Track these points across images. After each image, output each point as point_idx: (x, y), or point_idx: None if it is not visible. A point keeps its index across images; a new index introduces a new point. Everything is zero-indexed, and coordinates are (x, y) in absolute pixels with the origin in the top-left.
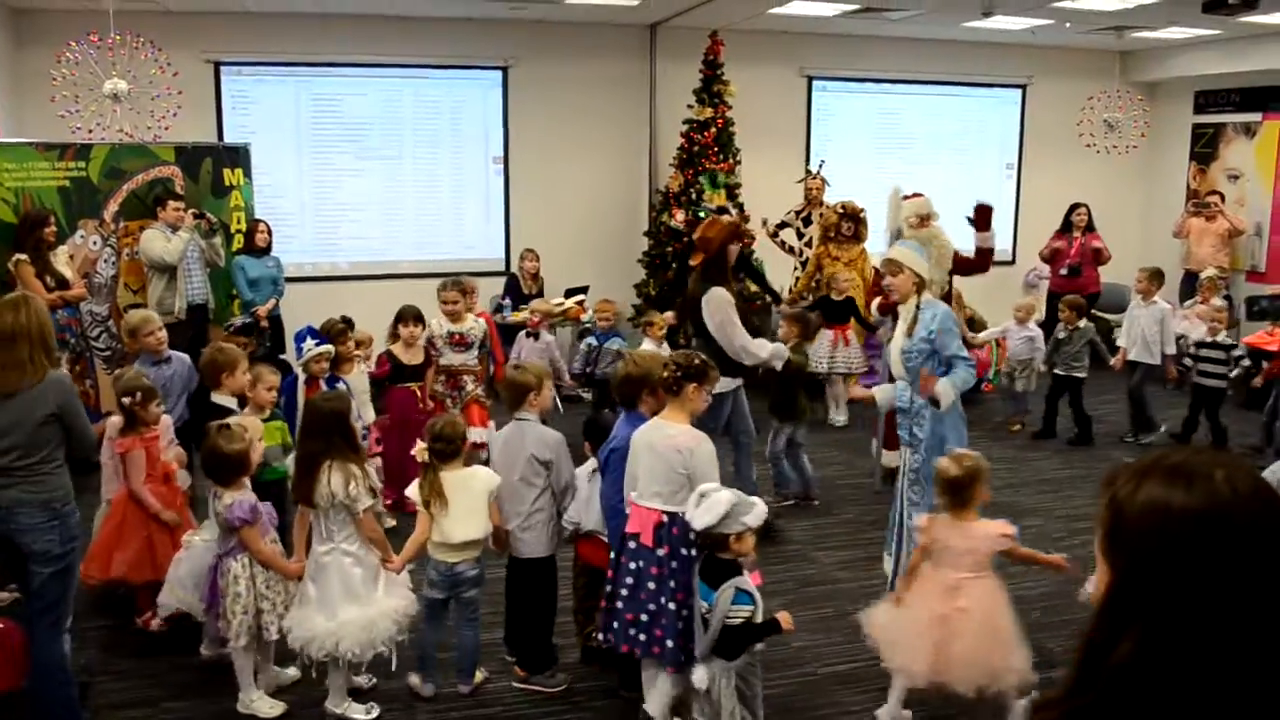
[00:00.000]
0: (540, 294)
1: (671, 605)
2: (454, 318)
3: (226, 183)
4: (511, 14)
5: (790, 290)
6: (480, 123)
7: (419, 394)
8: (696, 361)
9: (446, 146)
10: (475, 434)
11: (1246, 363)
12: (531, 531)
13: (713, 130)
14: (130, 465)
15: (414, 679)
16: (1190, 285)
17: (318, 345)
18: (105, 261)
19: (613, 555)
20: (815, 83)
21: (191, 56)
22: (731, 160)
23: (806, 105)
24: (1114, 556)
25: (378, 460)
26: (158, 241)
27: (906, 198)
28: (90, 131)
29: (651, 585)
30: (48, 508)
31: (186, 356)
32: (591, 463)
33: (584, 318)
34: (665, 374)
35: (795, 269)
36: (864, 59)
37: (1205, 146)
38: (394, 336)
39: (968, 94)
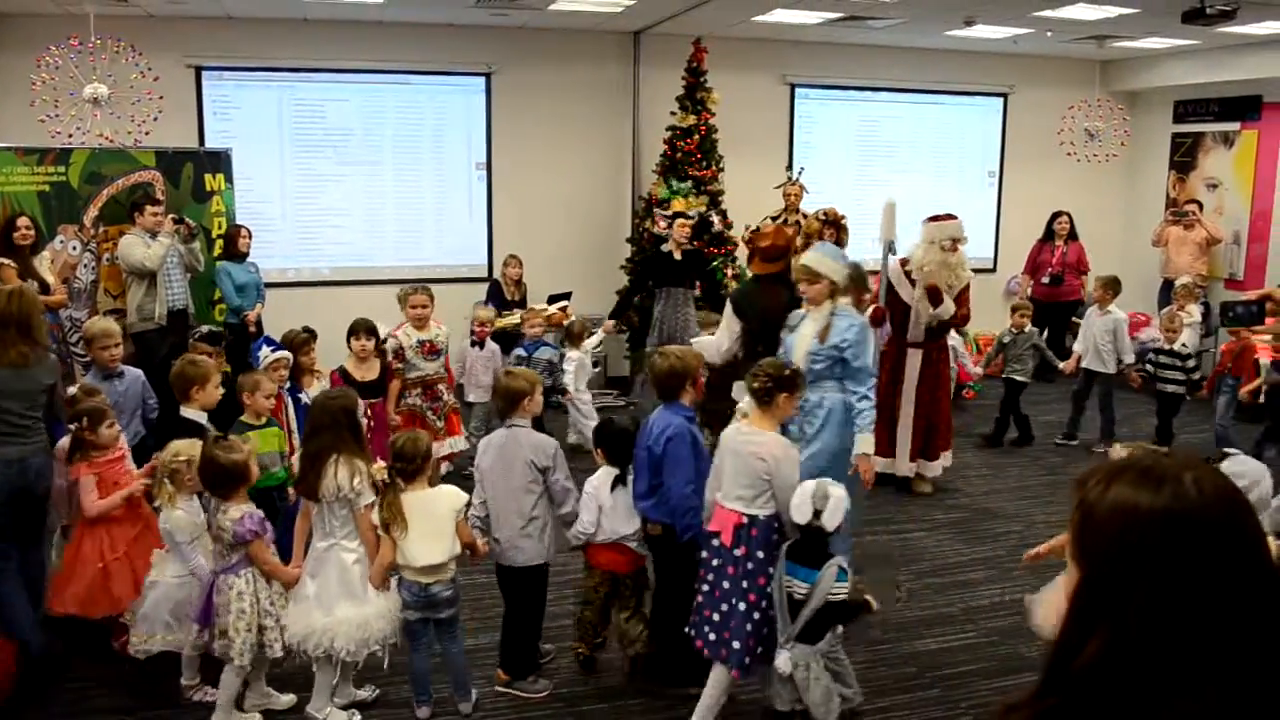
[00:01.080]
0: (523, 300)
1: (742, 606)
2: (422, 324)
3: (208, 188)
4: (494, 20)
5: None
6: (463, 129)
7: (370, 413)
8: (788, 371)
9: (429, 152)
10: (454, 443)
11: (1198, 375)
12: (530, 539)
13: (695, 137)
14: (83, 492)
15: (422, 712)
16: (1169, 293)
17: (274, 352)
18: (85, 267)
19: (702, 553)
20: (798, 90)
21: (173, 61)
22: (714, 167)
23: (789, 113)
24: (1081, 557)
25: None
26: (137, 248)
27: (936, 219)
28: (70, 136)
29: (726, 585)
30: (47, 452)
31: (140, 371)
32: (604, 471)
33: (566, 323)
34: (757, 384)
35: None
36: (846, 67)
37: (1184, 155)
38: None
39: (949, 102)
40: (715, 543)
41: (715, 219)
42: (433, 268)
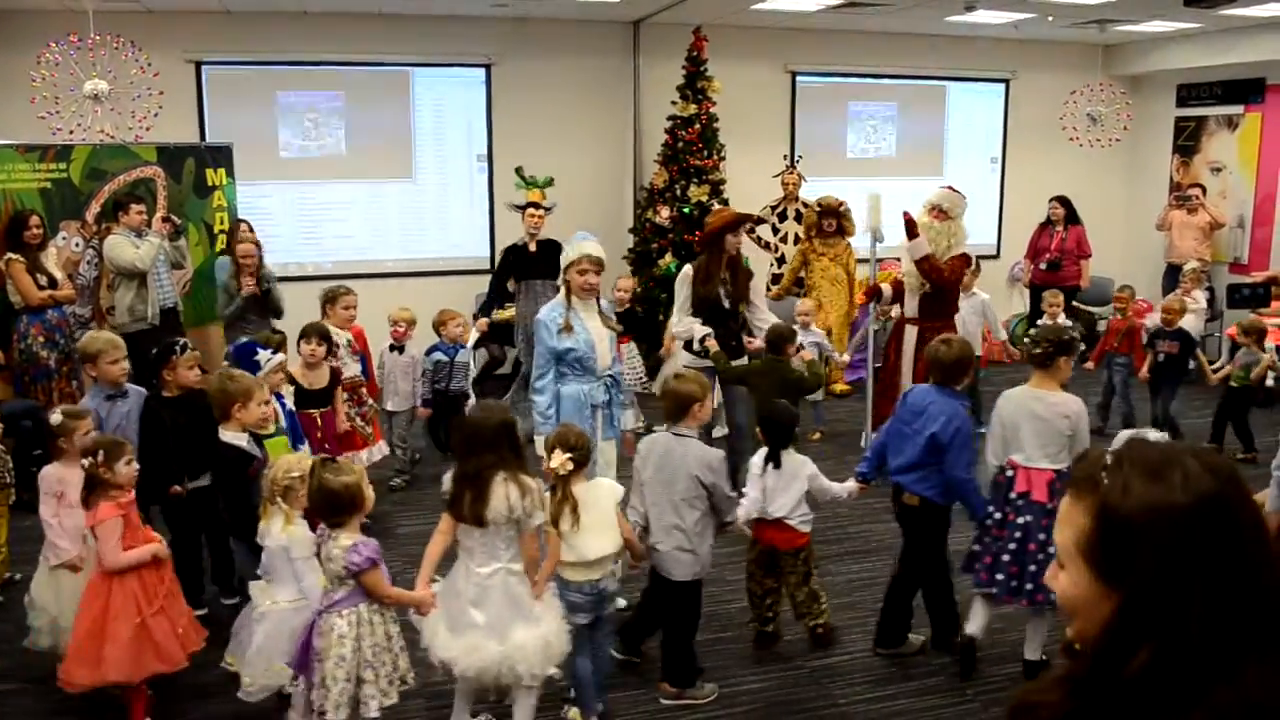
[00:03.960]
0: None
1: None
2: (350, 325)
3: (209, 183)
4: (494, 11)
5: (770, 288)
6: (463, 121)
7: (320, 422)
8: (1065, 336)
9: (429, 145)
10: (377, 450)
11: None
12: (690, 554)
13: (697, 126)
14: (104, 538)
15: (574, 712)
16: (1173, 278)
17: (272, 355)
18: (87, 263)
19: (997, 515)
20: (799, 78)
21: (173, 56)
22: (716, 156)
23: (790, 100)
24: (1112, 565)
25: None
26: (126, 248)
27: (943, 188)
28: (71, 132)
29: (1042, 536)
30: None
31: (143, 390)
32: (765, 451)
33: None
34: (1039, 350)
35: (771, 265)
36: (847, 54)
37: (1188, 139)
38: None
39: (951, 89)
40: (1022, 502)
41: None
42: (434, 260)
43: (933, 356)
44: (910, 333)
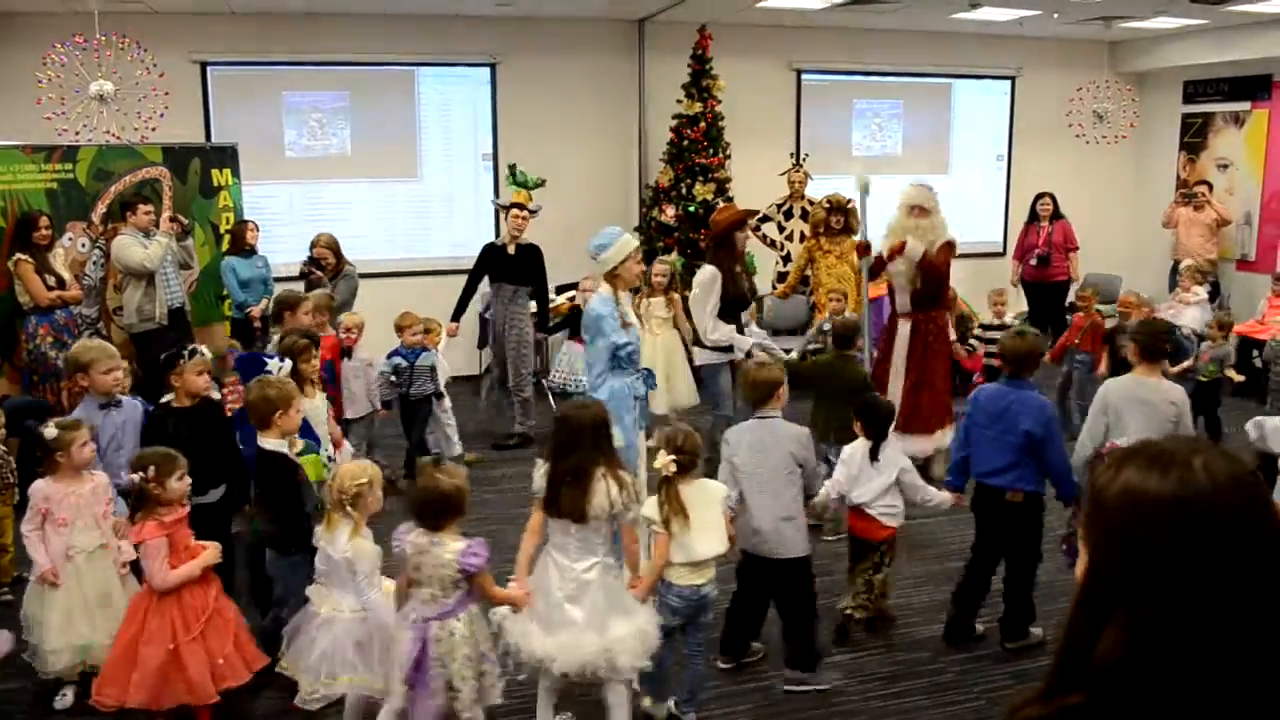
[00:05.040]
0: None
1: None
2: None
3: (215, 183)
4: (498, 10)
5: (775, 286)
6: (469, 120)
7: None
8: (1168, 329)
9: (435, 144)
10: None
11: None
12: (794, 530)
13: (702, 125)
14: (149, 558)
15: (646, 702)
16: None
17: (282, 363)
18: (94, 264)
19: None
20: (804, 75)
21: (178, 57)
22: (721, 155)
23: (796, 98)
24: (1091, 541)
25: None
26: (134, 248)
27: (913, 185)
28: (77, 133)
29: None
30: None
31: (138, 400)
32: (860, 442)
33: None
34: (1146, 341)
35: (776, 263)
36: (853, 51)
37: (1194, 136)
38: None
39: (957, 86)
40: None
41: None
42: (441, 260)
43: (1006, 349)
44: (904, 327)
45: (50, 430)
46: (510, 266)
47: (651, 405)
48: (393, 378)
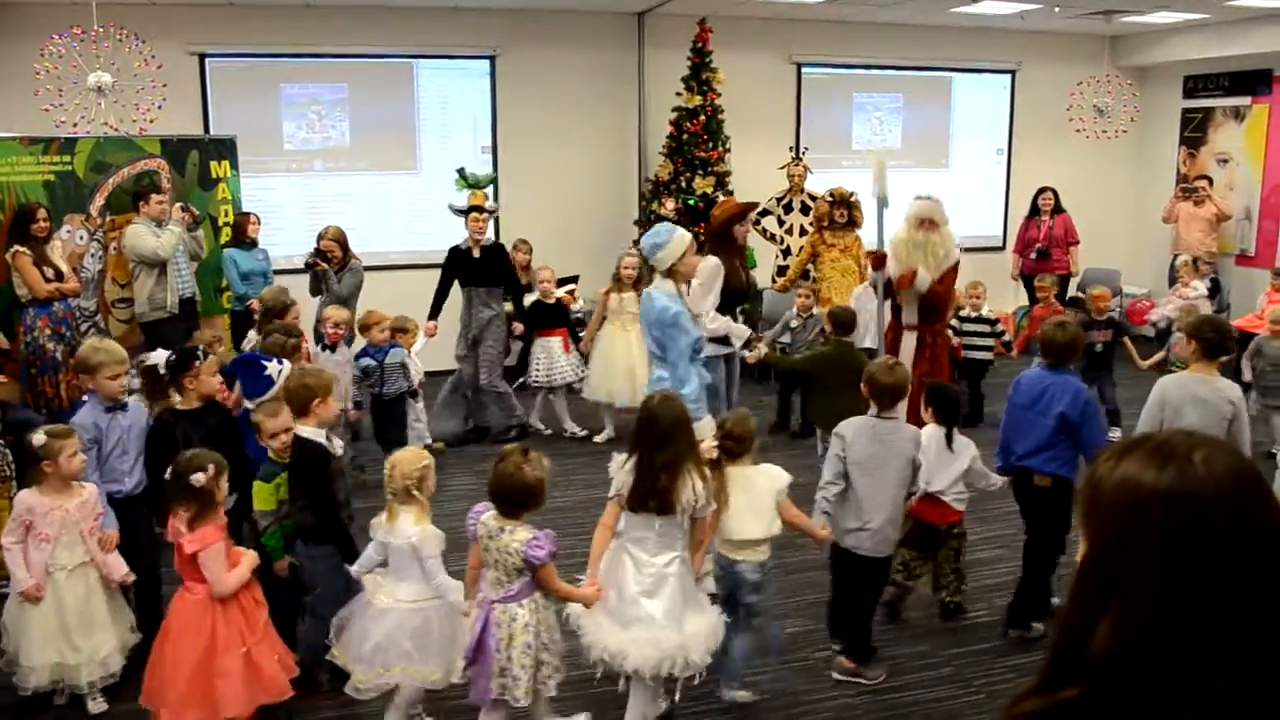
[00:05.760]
0: (530, 285)
1: None
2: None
3: (213, 175)
4: (498, 3)
5: (774, 280)
6: (468, 112)
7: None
8: (1227, 327)
9: (434, 136)
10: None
11: (1006, 337)
12: (894, 529)
13: (702, 118)
14: (211, 562)
15: (736, 692)
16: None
17: (281, 366)
18: (92, 256)
19: None
20: (804, 69)
21: (176, 48)
22: (721, 148)
23: (796, 91)
24: (1088, 532)
25: None
26: (147, 238)
27: (920, 199)
28: (75, 125)
29: None
30: None
31: (142, 405)
32: (933, 428)
33: (574, 307)
34: (1206, 339)
35: (776, 257)
36: (852, 45)
37: (1195, 131)
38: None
39: (957, 80)
40: None
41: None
42: (440, 253)
43: (1047, 338)
44: (909, 339)
45: (39, 438)
46: (477, 270)
47: (625, 401)
48: (364, 379)
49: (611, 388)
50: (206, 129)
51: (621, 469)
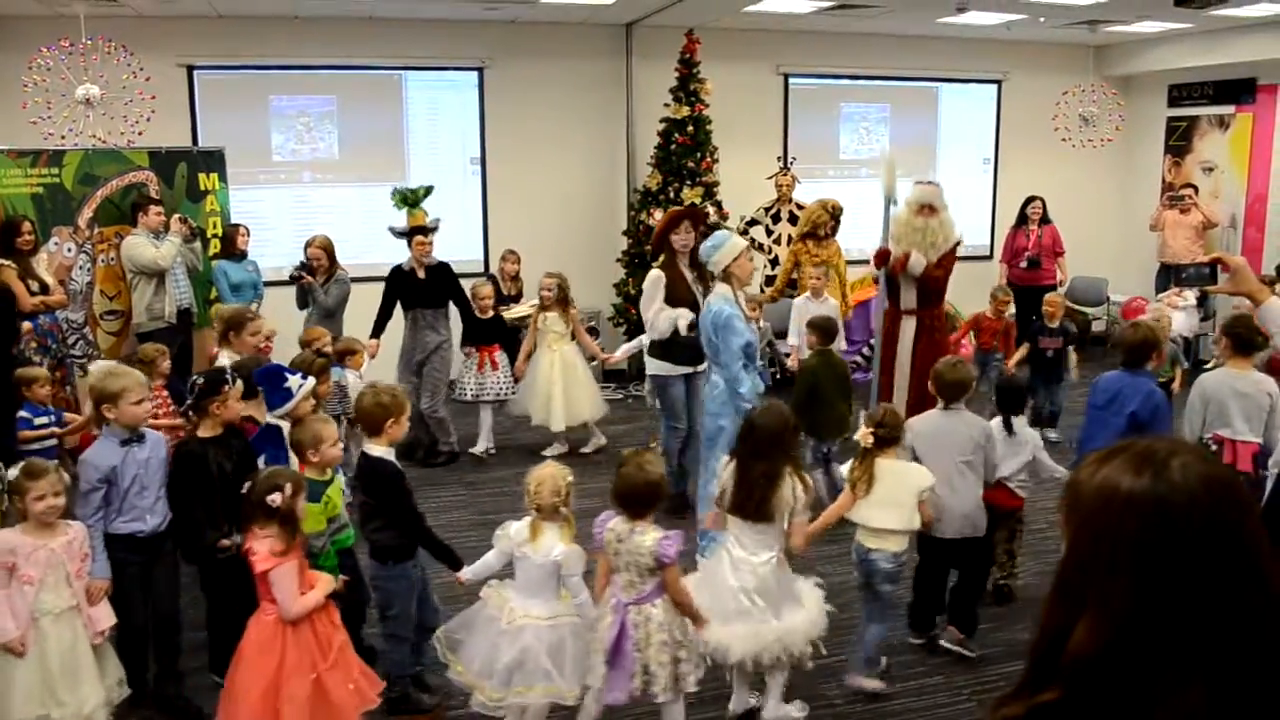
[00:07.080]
0: (519, 295)
1: None
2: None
3: (202, 187)
4: (486, 15)
5: (763, 289)
6: (456, 124)
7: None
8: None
9: (423, 148)
10: None
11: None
12: (972, 509)
13: (690, 128)
14: (281, 583)
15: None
16: (1166, 278)
17: (303, 380)
18: (80, 268)
19: None
20: (791, 79)
21: (164, 61)
22: (709, 158)
23: (783, 102)
24: (1067, 536)
25: None
26: (146, 248)
27: (920, 184)
28: (63, 138)
29: None
30: None
31: (160, 435)
32: (997, 421)
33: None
34: (1242, 336)
35: (764, 266)
36: (839, 55)
37: (1180, 139)
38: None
39: (943, 90)
40: None
41: (711, 210)
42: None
43: (1119, 341)
44: (908, 323)
45: (11, 471)
46: (422, 292)
47: (552, 422)
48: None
49: (533, 405)
50: (195, 141)
51: (724, 470)
